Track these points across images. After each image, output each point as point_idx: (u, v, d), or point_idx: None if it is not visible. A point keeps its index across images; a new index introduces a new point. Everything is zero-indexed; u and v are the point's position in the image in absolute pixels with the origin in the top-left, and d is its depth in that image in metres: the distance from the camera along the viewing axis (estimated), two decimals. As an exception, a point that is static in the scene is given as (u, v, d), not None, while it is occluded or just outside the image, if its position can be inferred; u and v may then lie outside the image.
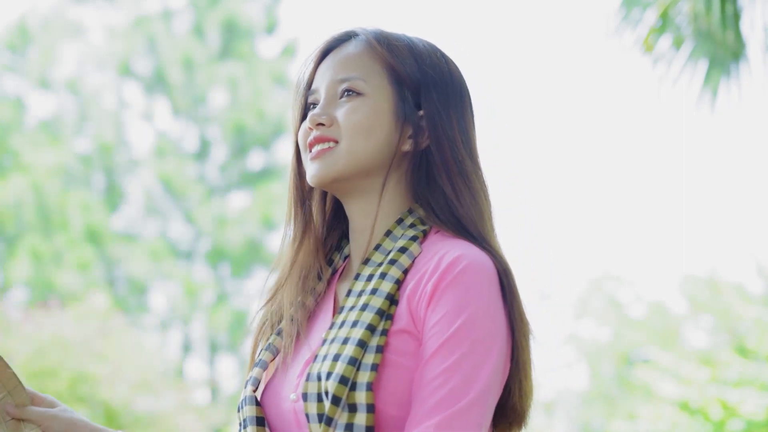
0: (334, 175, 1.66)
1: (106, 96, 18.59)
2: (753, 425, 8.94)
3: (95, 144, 18.19)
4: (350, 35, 1.73)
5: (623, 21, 6.02)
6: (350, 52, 1.70)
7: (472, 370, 1.53)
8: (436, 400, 1.52)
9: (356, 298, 1.62)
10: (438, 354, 1.54)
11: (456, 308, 1.55)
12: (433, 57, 1.71)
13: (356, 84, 1.67)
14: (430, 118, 1.67)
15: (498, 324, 1.57)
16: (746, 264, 21.60)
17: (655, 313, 18.29)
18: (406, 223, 1.67)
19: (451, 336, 1.54)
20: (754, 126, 30.73)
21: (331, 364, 1.54)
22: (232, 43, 18.81)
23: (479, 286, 1.57)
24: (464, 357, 1.53)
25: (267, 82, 18.64)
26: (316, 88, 1.71)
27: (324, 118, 1.67)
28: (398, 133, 1.67)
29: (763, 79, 5.79)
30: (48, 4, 20.91)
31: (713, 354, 10.76)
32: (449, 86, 1.70)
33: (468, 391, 1.52)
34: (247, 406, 1.65)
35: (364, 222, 1.69)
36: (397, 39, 1.71)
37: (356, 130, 1.65)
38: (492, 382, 1.54)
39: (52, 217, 17.02)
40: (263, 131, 18.55)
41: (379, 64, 1.68)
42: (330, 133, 1.66)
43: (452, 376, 1.53)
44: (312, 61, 1.74)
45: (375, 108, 1.66)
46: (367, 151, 1.65)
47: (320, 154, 1.66)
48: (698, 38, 5.88)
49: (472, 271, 1.57)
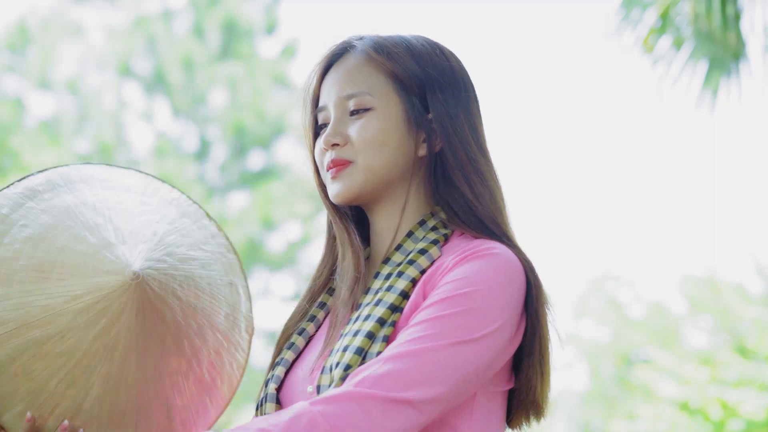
0: (356, 193, 1.67)
1: (106, 96, 18.59)
2: (753, 425, 8.94)
3: (95, 144, 18.19)
4: (347, 47, 1.73)
5: (623, 21, 6.02)
6: (351, 66, 1.70)
7: (452, 331, 1.51)
8: (402, 341, 1.52)
9: (373, 295, 1.64)
10: (431, 306, 1.55)
11: (470, 277, 1.56)
12: (433, 55, 1.70)
13: (363, 99, 1.67)
14: (439, 119, 1.67)
15: (505, 317, 1.55)
16: (746, 264, 21.60)
17: (655, 313, 18.30)
18: (428, 225, 1.67)
19: (451, 296, 1.55)
20: (754, 126, 30.73)
21: (341, 354, 1.57)
22: (232, 44, 18.81)
23: (503, 274, 1.56)
24: (452, 317, 1.53)
25: (267, 83, 18.64)
26: (324, 105, 1.72)
27: (338, 138, 1.68)
28: (412, 140, 1.68)
29: (763, 79, 5.79)
30: (48, 5, 20.92)
31: (713, 354, 10.76)
32: (453, 83, 1.70)
33: (436, 343, 1.50)
34: (268, 403, 1.67)
35: (386, 225, 1.70)
36: (394, 44, 1.70)
37: (370, 145, 1.66)
38: (467, 361, 1.52)
39: (51, 217, 17.03)
40: (263, 131, 18.55)
41: (383, 74, 1.69)
42: (345, 154, 1.68)
43: (429, 327, 1.52)
44: (315, 77, 1.74)
45: (385, 120, 1.67)
46: (383, 164, 1.66)
47: (339, 173, 1.67)
48: (698, 38, 5.88)
49: (501, 258, 1.58)
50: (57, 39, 18.44)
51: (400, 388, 1.47)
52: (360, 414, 1.44)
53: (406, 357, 1.50)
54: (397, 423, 1.46)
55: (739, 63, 5.89)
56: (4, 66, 18.13)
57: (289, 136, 18.75)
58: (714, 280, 14.75)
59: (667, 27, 5.93)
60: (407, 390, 1.47)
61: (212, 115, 18.78)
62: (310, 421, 1.43)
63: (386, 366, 1.49)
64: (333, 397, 1.46)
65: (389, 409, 1.46)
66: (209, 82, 18.50)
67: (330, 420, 1.43)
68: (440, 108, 1.67)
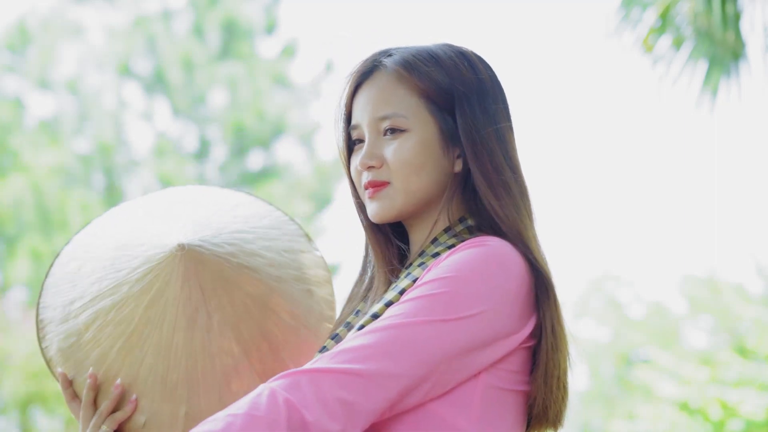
0: (395, 214, 1.68)
1: (106, 96, 18.58)
2: (752, 425, 8.94)
3: (95, 144, 18.18)
4: (377, 64, 1.72)
5: (623, 21, 6.02)
6: (383, 86, 1.69)
7: (426, 310, 1.51)
8: (379, 319, 1.53)
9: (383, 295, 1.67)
10: (413, 290, 1.55)
11: (455, 264, 1.56)
12: (461, 66, 1.69)
13: (398, 122, 1.67)
14: (466, 132, 1.67)
15: (490, 305, 1.54)
16: (746, 264, 21.61)
17: (655, 313, 18.30)
18: (453, 231, 1.67)
19: (432, 280, 1.55)
20: (754, 126, 30.73)
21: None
22: (232, 43, 18.81)
23: (491, 262, 1.56)
24: (429, 297, 1.52)
25: (267, 83, 18.63)
26: (357, 124, 1.72)
27: (373, 160, 1.68)
28: (447, 157, 1.68)
29: (763, 79, 5.79)
30: (48, 5, 20.93)
31: (713, 354, 10.76)
32: (481, 94, 1.69)
33: (407, 320, 1.50)
34: None
35: (423, 235, 1.71)
36: (422, 60, 1.69)
37: (407, 168, 1.66)
38: (437, 341, 1.50)
39: (51, 218, 17.01)
40: (263, 131, 18.55)
41: (416, 95, 1.68)
42: (382, 176, 1.68)
43: (405, 307, 1.53)
44: (346, 95, 1.73)
45: (422, 142, 1.66)
46: (421, 186, 1.67)
47: (377, 193, 1.68)
48: (698, 38, 5.88)
49: (492, 249, 1.57)
50: (57, 39, 18.44)
51: (356, 361, 1.47)
52: (311, 386, 1.45)
53: (375, 332, 1.50)
54: (348, 395, 1.45)
55: (739, 63, 5.89)
56: (4, 66, 18.13)
57: (289, 136, 18.76)
58: (714, 280, 14.76)
59: (667, 27, 5.93)
60: (361, 362, 1.47)
61: (212, 115, 18.77)
62: (270, 394, 1.44)
63: (353, 342, 1.50)
64: (289, 373, 1.48)
65: (339, 380, 1.46)
66: (209, 82, 18.50)
67: (287, 390, 1.44)
68: (467, 120, 1.67)
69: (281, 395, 1.43)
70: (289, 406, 1.42)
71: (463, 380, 1.54)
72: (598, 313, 19.20)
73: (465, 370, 1.53)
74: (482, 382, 1.56)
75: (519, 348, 1.58)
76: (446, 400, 1.54)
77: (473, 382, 1.55)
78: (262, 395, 1.44)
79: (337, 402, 1.44)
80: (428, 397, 1.52)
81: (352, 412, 1.45)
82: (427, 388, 1.50)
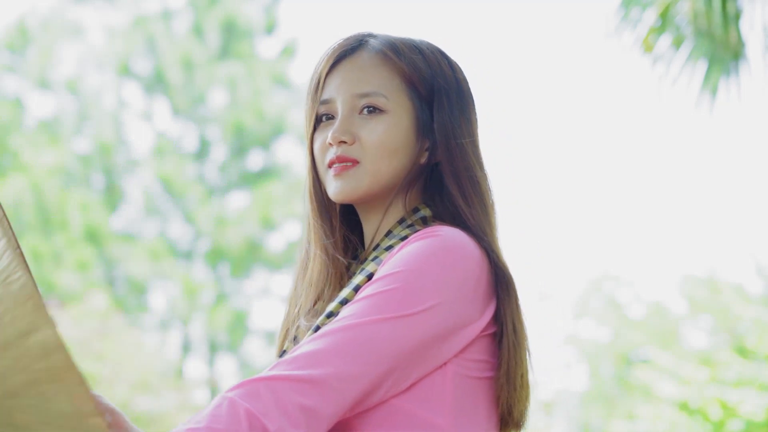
0: (360, 194, 1.65)
1: (106, 96, 18.59)
2: (752, 425, 8.94)
3: (95, 144, 18.18)
4: (361, 42, 1.69)
5: (623, 21, 6.02)
6: (366, 63, 1.67)
7: (378, 308, 1.49)
8: (332, 322, 1.51)
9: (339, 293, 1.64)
10: (365, 288, 1.53)
11: (406, 257, 1.54)
12: (442, 63, 1.69)
13: (378, 101, 1.64)
14: (442, 128, 1.66)
15: (445, 296, 1.51)
16: (746, 264, 21.61)
17: (655, 313, 18.29)
18: (407, 223, 1.65)
19: (383, 276, 1.53)
20: (753, 126, 30.74)
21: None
22: (232, 43, 18.81)
23: (442, 252, 1.53)
24: (381, 295, 1.50)
25: (266, 83, 18.64)
26: (331, 98, 1.68)
27: (346, 136, 1.64)
28: (417, 147, 1.66)
29: (763, 79, 5.79)
30: (47, 5, 20.94)
31: (712, 354, 10.76)
32: (458, 91, 1.69)
33: (360, 320, 1.48)
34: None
35: (376, 224, 1.69)
36: (410, 48, 1.68)
37: (381, 150, 1.63)
38: (392, 338, 1.48)
39: (51, 217, 17.02)
40: (263, 131, 18.55)
41: (399, 77, 1.66)
42: (352, 153, 1.64)
43: (357, 307, 1.50)
44: (323, 68, 1.69)
45: (398, 126, 1.65)
46: (390, 170, 1.64)
47: (343, 171, 1.64)
48: (698, 38, 5.88)
49: (443, 238, 1.55)
50: (57, 39, 18.44)
51: (313, 366, 1.45)
52: (270, 394, 1.42)
53: (330, 334, 1.48)
54: (308, 400, 1.43)
55: (739, 62, 5.88)
56: (4, 66, 18.14)
57: (288, 135, 18.75)
58: (714, 280, 14.76)
59: (667, 26, 5.93)
60: (318, 367, 1.45)
61: (212, 115, 18.77)
62: (230, 404, 1.41)
63: (309, 346, 1.48)
64: (246, 382, 1.46)
65: (297, 387, 1.43)
66: (209, 82, 18.50)
67: (246, 399, 1.41)
68: (444, 115, 1.66)
69: (241, 405, 1.40)
70: (249, 416, 1.40)
71: (428, 373, 1.52)
72: (597, 313, 19.19)
73: (427, 364, 1.51)
74: (451, 372, 1.54)
75: (481, 336, 1.56)
76: (415, 394, 1.52)
77: (441, 374, 1.53)
78: (221, 406, 1.41)
79: (297, 408, 1.42)
80: (390, 394, 1.50)
81: (313, 417, 1.43)
82: (388, 385, 1.49)
